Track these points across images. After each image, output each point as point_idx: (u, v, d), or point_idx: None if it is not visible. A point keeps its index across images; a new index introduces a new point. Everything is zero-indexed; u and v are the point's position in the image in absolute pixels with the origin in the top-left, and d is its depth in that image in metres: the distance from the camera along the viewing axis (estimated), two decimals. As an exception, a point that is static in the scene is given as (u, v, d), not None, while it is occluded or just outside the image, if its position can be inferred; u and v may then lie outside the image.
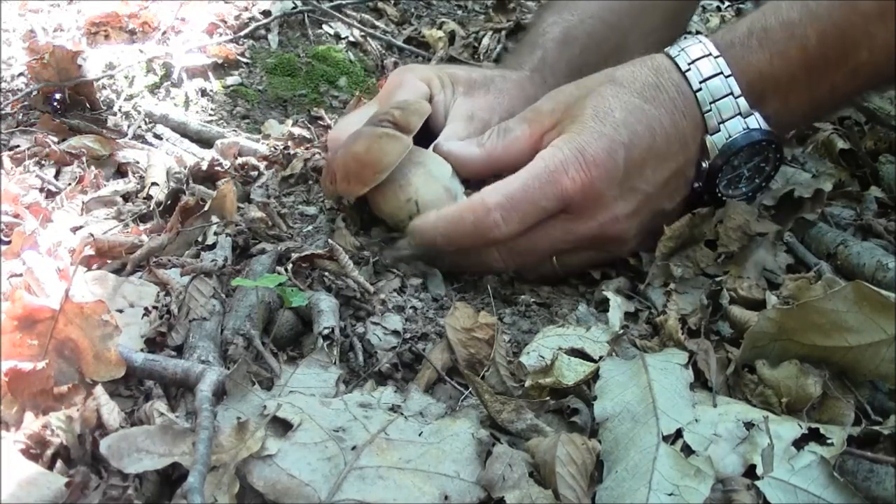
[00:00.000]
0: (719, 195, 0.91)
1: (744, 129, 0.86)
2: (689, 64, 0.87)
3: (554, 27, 1.17)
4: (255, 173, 1.12)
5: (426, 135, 0.99)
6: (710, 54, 0.86)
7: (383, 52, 1.65)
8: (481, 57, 1.69)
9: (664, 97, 0.87)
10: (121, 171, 1.16)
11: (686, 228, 0.89)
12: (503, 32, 1.76)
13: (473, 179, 0.93)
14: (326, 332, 0.74)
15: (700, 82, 0.86)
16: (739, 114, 0.86)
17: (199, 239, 0.91)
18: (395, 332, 0.77)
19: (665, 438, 0.61)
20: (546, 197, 0.83)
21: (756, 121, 0.87)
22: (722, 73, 0.86)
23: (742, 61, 0.86)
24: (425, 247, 0.87)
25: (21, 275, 0.76)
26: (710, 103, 0.86)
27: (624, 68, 0.90)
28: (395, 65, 1.62)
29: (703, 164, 0.89)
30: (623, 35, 1.18)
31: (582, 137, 0.84)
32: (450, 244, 0.86)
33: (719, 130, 0.87)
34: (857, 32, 0.84)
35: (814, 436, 0.62)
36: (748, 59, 0.86)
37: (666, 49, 0.90)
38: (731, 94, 0.86)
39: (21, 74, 1.36)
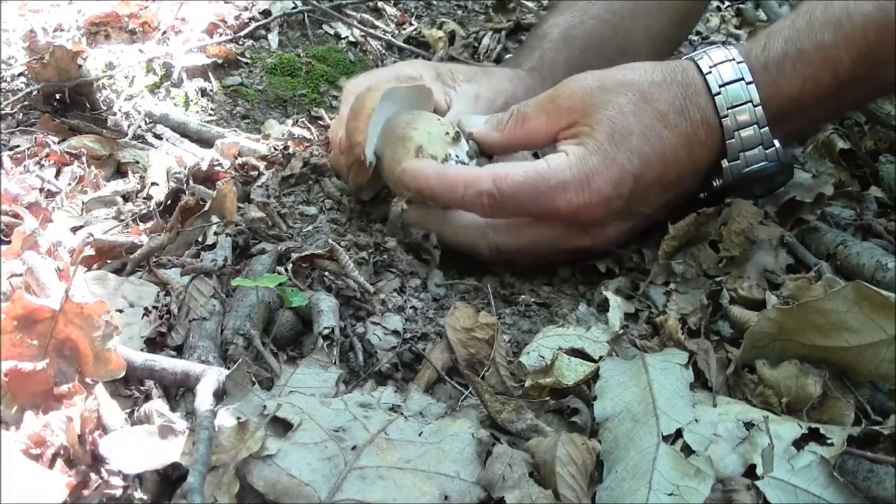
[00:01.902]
0: (721, 202, 0.91)
1: (762, 161, 0.85)
2: (720, 87, 0.84)
3: (554, 28, 1.17)
4: (255, 173, 1.12)
5: None
6: (743, 79, 0.84)
7: (383, 52, 1.65)
8: (481, 57, 1.69)
9: (686, 125, 0.84)
10: (121, 171, 1.16)
11: (691, 228, 0.89)
12: (503, 32, 1.76)
13: None
14: (326, 332, 0.74)
15: (728, 109, 0.84)
16: (761, 144, 0.85)
17: (199, 239, 0.91)
18: (395, 332, 0.77)
19: (665, 438, 0.61)
20: (536, 206, 0.83)
21: (776, 152, 0.86)
22: (751, 101, 0.84)
23: (774, 86, 0.85)
24: (414, 188, 0.88)
25: (21, 275, 0.76)
26: (734, 131, 0.84)
27: (653, 77, 0.86)
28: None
29: (715, 183, 0.88)
30: (626, 36, 1.17)
31: (593, 161, 0.83)
32: (433, 200, 0.88)
33: (738, 158, 0.85)
34: (887, 53, 0.82)
35: (814, 436, 0.62)
36: (780, 84, 0.84)
37: (697, 60, 0.87)
38: (757, 123, 0.84)
39: (21, 74, 1.36)
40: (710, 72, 0.85)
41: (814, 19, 0.84)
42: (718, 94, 0.84)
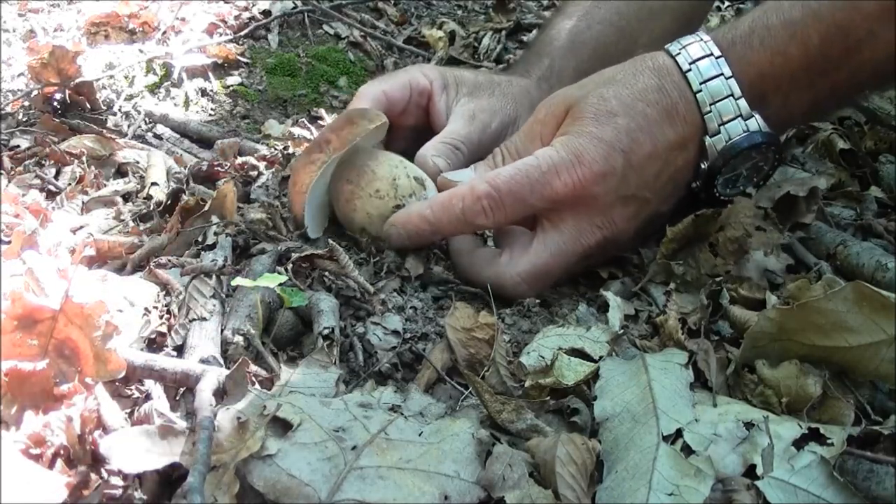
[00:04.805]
0: (717, 194, 0.91)
1: (744, 132, 0.86)
2: (689, 64, 0.86)
3: (561, 34, 1.17)
4: (255, 173, 1.12)
5: (427, 134, 1.00)
6: (712, 54, 0.86)
7: (383, 52, 1.65)
8: (481, 57, 1.69)
9: (666, 101, 0.86)
10: (121, 171, 1.16)
11: (689, 229, 0.89)
12: (503, 32, 1.76)
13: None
14: (326, 332, 0.74)
15: (700, 83, 0.85)
16: (740, 115, 0.86)
17: (199, 239, 0.91)
18: (395, 332, 0.77)
19: (665, 438, 0.61)
20: (534, 195, 0.83)
21: (756, 122, 0.86)
22: (723, 74, 0.85)
23: (743, 61, 0.86)
24: (410, 238, 0.87)
25: (21, 275, 0.76)
26: (710, 105, 0.85)
27: (625, 69, 0.89)
28: (396, 65, 1.62)
29: (703, 165, 0.88)
30: (632, 39, 1.17)
31: (580, 141, 0.84)
32: (436, 231, 0.87)
33: (719, 132, 0.86)
34: (859, 32, 0.83)
35: (814, 436, 0.62)
36: (749, 59, 0.86)
37: (666, 46, 0.89)
38: (732, 95, 0.85)
39: (21, 74, 1.36)
40: (679, 52, 0.87)
41: (782, 0, 0.86)
42: (689, 70, 0.86)
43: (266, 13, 1.61)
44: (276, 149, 1.20)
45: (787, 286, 0.80)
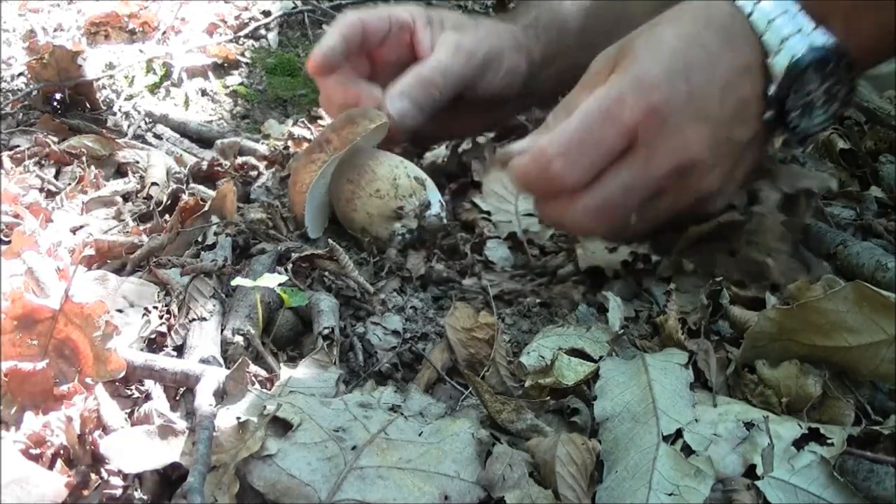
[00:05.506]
0: (793, 127, 0.84)
1: (808, 47, 0.80)
2: None
3: None
4: (255, 173, 1.12)
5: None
6: None
7: (383, 52, 1.65)
8: (481, 57, 1.69)
9: (717, 24, 0.81)
10: (121, 171, 1.16)
11: (713, 232, 0.88)
12: (503, 32, 1.76)
13: None
14: (326, 332, 0.74)
15: (753, 4, 0.80)
16: (800, 30, 0.80)
17: (199, 239, 0.91)
18: (395, 332, 0.77)
19: (665, 438, 0.61)
20: (608, 135, 0.78)
21: (821, 36, 0.80)
22: None
23: None
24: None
25: (21, 275, 0.76)
26: (767, 24, 0.80)
27: (671, 11, 0.84)
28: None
29: (770, 91, 0.82)
30: (623, 4, 1.15)
31: (636, 66, 0.79)
32: (527, 192, 0.87)
33: (781, 51, 0.80)
34: None
35: (814, 436, 0.62)
36: None
37: None
38: (787, 11, 0.80)
39: (21, 74, 1.36)
40: None
41: None
42: None
43: (266, 13, 1.61)
44: (276, 149, 1.20)
45: (788, 286, 0.80)
